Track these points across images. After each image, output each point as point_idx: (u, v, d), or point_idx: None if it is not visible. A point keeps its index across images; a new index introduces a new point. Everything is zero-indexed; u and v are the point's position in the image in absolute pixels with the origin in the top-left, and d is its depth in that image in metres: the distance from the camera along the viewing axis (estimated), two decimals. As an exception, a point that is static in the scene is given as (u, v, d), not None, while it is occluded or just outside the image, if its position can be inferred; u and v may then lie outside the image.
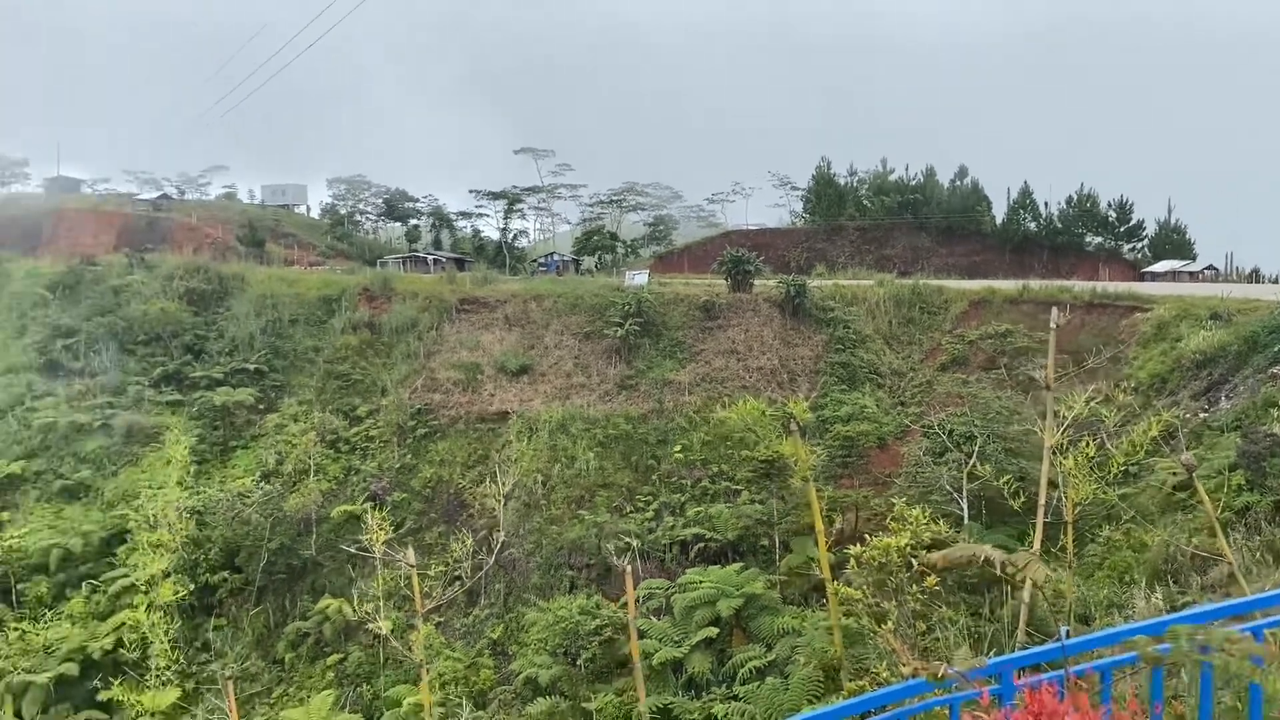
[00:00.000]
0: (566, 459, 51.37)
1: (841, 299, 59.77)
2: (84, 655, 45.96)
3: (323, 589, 49.58)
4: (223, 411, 62.94)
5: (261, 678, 46.95)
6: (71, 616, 49.60)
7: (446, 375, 60.24)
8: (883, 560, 18.22)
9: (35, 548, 52.28)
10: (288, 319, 70.82)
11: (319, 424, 58.82)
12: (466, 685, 41.59)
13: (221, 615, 50.37)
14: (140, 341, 70.81)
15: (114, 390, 66.50)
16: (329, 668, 45.45)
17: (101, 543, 53.63)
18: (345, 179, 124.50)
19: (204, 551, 51.17)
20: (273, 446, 59.62)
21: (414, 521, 52.11)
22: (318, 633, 46.94)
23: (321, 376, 64.70)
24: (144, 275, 78.04)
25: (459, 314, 65.95)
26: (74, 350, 70.95)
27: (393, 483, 54.27)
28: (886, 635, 16.71)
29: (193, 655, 48.55)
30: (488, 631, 44.85)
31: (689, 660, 36.32)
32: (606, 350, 58.99)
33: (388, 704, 40.50)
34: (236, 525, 50.80)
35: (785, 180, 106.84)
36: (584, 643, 39.29)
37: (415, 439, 56.52)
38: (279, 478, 56.02)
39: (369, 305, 69.58)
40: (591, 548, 45.09)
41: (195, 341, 70.69)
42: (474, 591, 47.11)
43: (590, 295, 64.09)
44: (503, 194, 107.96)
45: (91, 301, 75.41)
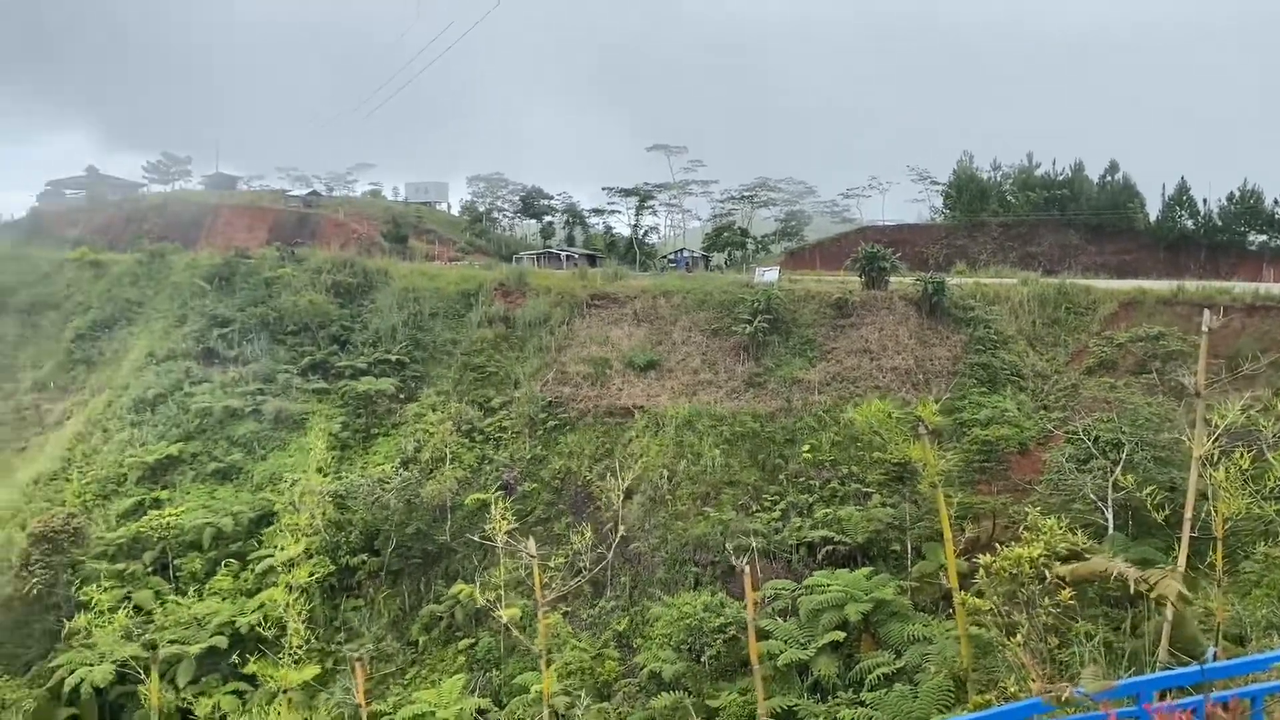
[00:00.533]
0: (692, 455, 51.33)
1: (982, 298, 57.84)
2: (232, 629, 48.54)
3: (455, 574, 50.97)
4: (365, 400, 65.47)
5: (396, 658, 48.59)
6: (221, 592, 52.43)
7: (576, 369, 61.04)
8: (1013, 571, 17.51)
9: (190, 526, 55.51)
10: (428, 312, 73.06)
11: (455, 414, 60.49)
12: (591, 676, 42.07)
13: (360, 596, 52.36)
14: (290, 332, 74.35)
15: (265, 378, 70.01)
16: (460, 652, 46.69)
17: (250, 523, 56.54)
18: (484, 177, 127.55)
19: (345, 534, 53.26)
20: (411, 435, 61.63)
21: (543, 512, 53.02)
22: (450, 617, 48.30)
23: (458, 368, 66.51)
24: (294, 268, 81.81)
25: (589, 309, 66.72)
26: (229, 339, 75.01)
27: (523, 473, 55.36)
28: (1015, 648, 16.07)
29: (332, 634, 50.67)
30: (613, 624, 45.25)
31: (815, 663, 35.85)
32: (734, 347, 58.69)
33: (515, 691, 41.34)
34: (376, 510, 52.70)
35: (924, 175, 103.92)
36: (708, 640, 39.24)
37: (545, 431, 57.49)
38: (417, 465, 57.85)
39: (504, 300, 71.11)
40: (716, 545, 44.93)
41: (341, 332, 73.73)
42: (600, 583, 47.61)
43: (719, 291, 63.89)
44: (634, 191, 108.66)
45: (245, 293, 79.49)
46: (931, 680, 31.21)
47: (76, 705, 45.58)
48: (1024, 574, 17.35)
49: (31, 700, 44.19)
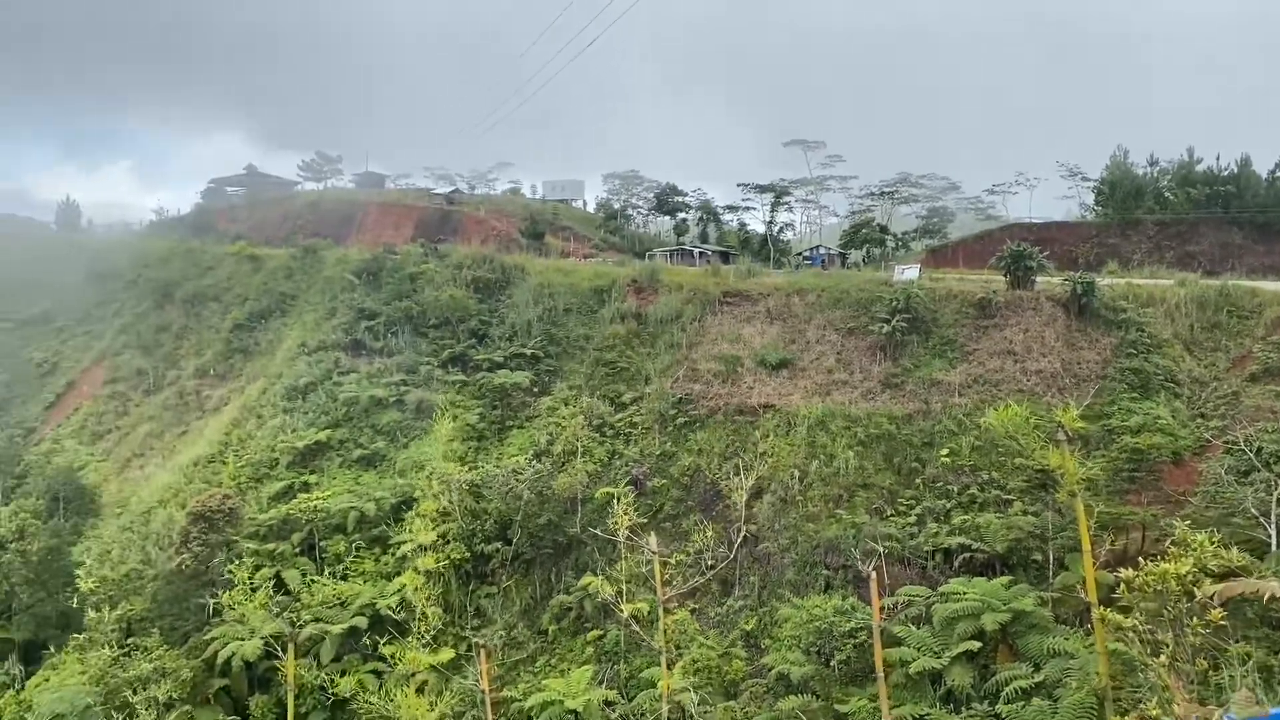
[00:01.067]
0: (825, 456, 50.56)
1: (1135, 299, 54.98)
2: (372, 611, 50.41)
3: (585, 566, 51.63)
4: (501, 392, 67.04)
5: (527, 646, 49.56)
6: (362, 574, 54.55)
7: (707, 366, 60.93)
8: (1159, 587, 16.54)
9: (336, 509, 57.94)
10: (562, 308, 74.24)
11: (587, 408, 61.29)
12: (718, 674, 41.95)
13: (493, 583, 53.61)
14: (432, 325, 76.84)
15: (407, 369, 72.56)
16: (588, 643, 47.28)
17: (391, 508, 58.63)
18: (619, 174, 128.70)
19: (480, 522, 54.59)
20: (544, 428, 62.77)
21: (671, 508, 53.14)
22: (579, 608, 48.96)
23: (591, 363, 67.34)
24: (437, 264, 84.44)
25: (722, 306, 66.50)
26: (375, 331, 78.03)
27: (653, 469, 55.61)
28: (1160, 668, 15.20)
29: (466, 619, 52.05)
30: (741, 623, 44.99)
31: (948, 672, 34.87)
32: (871, 347, 57.53)
33: (641, 685, 41.60)
34: (509, 500, 53.85)
35: (1075, 171, 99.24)
36: (838, 644, 38.62)
37: (675, 427, 57.62)
38: (549, 457, 58.86)
39: (636, 296, 71.60)
40: (848, 548, 44.14)
41: (479, 327, 75.71)
42: (728, 582, 47.43)
43: (856, 290, 62.72)
44: (770, 187, 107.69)
45: (391, 287, 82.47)
46: (1072, 696, 29.94)
47: (228, 676, 48.20)
48: (1170, 591, 16.38)
49: (188, 670, 46.86)
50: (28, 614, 57.57)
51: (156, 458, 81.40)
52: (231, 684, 48.58)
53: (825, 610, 40.03)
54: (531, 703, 41.28)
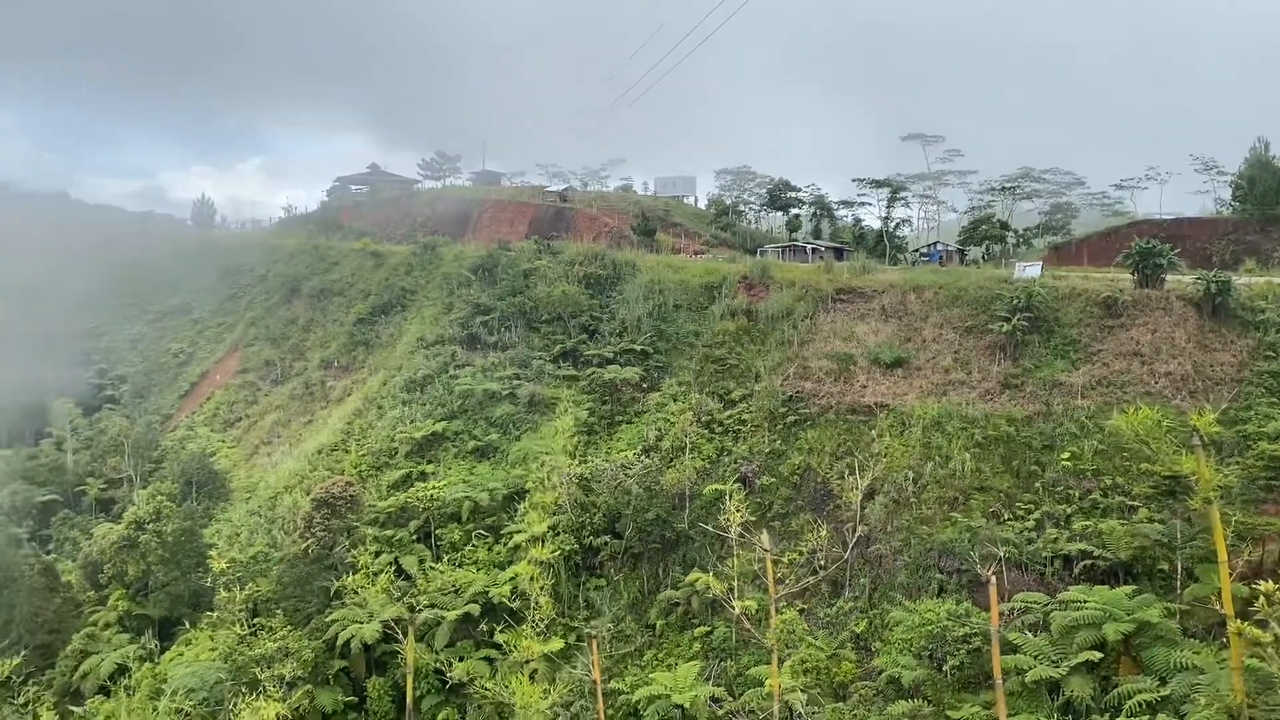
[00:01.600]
0: (940, 458, 49.47)
1: (1275, 299, 52.15)
2: (485, 599, 51.53)
3: (693, 562, 51.70)
4: (611, 388, 67.66)
5: (634, 639, 49.92)
6: (476, 563, 55.80)
7: (819, 364, 60.27)
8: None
9: (451, 499, 59.41)
10: (672, 304, 74.44)
11: (696, 405, 61.34)
12: (827, 675, 41.54)
13: (601, 576, 54.18)
14: (544, 320, 78.06)
15: (520, 363, 73.90)
16: (696, 639, 47.36)
17: (504, 499, 59.82)
18: (731, 170, 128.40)
19: (589, 515, 55.22)
20: (653, 423, 63.09)
21: (781, 507, 52.78)
22: (686, 604, 49.08)
23: (700, 360, 67.34)
24: (550, 260, 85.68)
25: (834, 303, 65.66)
26: (490, 326, 79.69)
27: (762, 467, 55.32)
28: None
29: (575, 610, 52.74)
30: (851, 624, 44.43)
31: (1067, 682, 33.79)
32: (990, 346, 56.01)
33: (749, 683, 41.49)
34: (618, 494, 54.32)
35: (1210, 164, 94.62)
36: (951, 649, 37.83)
37: (785, 425, 57.18)
38: (658, 453, 59.16)
39: (747, 293, 71.26)
40: (963, 552, 43.13)
41: (590, 322, 76.54)
42: (838, 583, 46.87)
43: (974, 287, 61.11)
44: (886, 182, 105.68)
45: (505, 283, 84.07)
46: (1201, 714, 28.67)
47: (347, 658, 49.94)
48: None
49: (309, 651, 48.74)
50: (163, 592, 60.67)
51: (283, 445, 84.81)
52: (351, 665, 50.33)
53: (938, 614, 39.27)
54: (638, 696, 41.62)
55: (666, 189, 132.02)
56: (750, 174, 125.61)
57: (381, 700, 48.96)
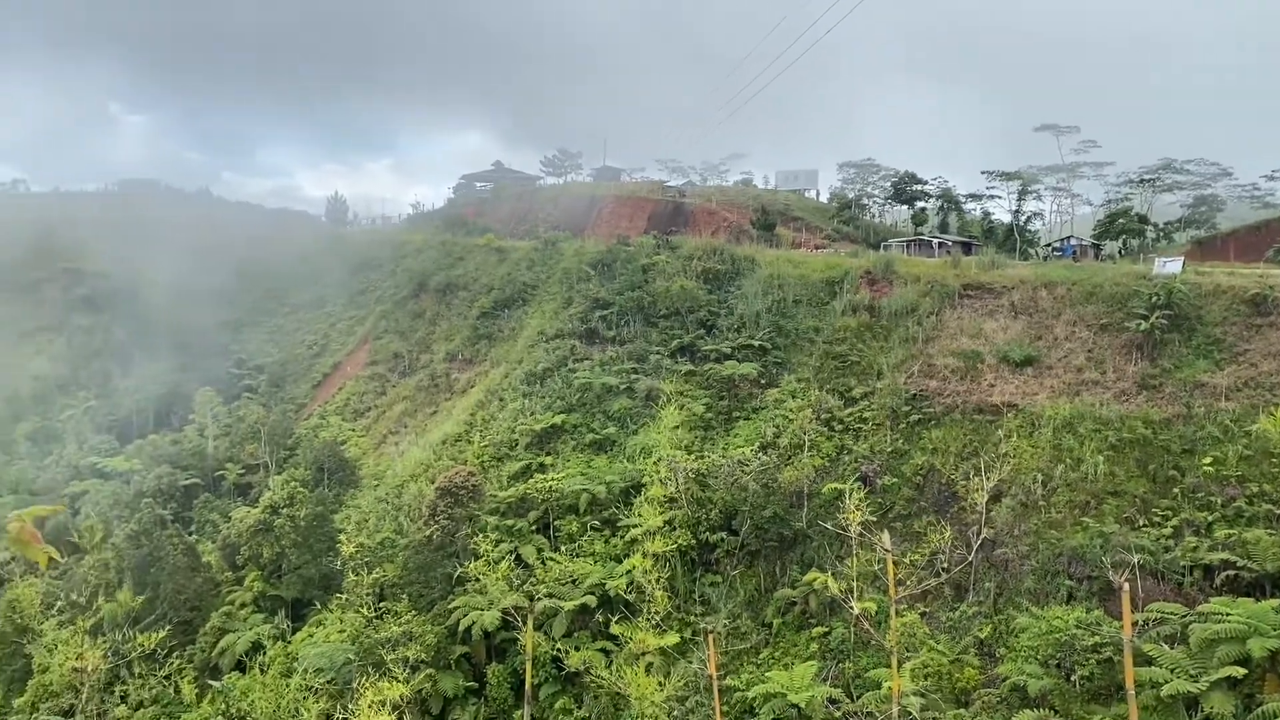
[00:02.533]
0: (1071, 460, 47.58)
1: None
2: (601, 590, 52.00)
3: (811, 561, 51.08)
4: (728, 383, 67.39)
5: (750, 636, 49.62)
6: (593, 555, 56.33)
7: (944, 362, 58.72)
8: None
9: (569, 491, 60.16)
10: (791, 299, 73.64)
11: (815, 402, 60.55)
12: (949, 681, 40.48)
13: (717, 572, 54.03)
14: (662, 315, 78.25)
15: (638, 358, 74.30)
16: (813, 639, 46.77)
17: (621, 492, 60.21)
18: (855, 163, 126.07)
19: (705, 511, 55.15)
20: (771, 420, 62.55)
21: (902, 508, 51.66)
22: (804, 603, 48.53)
23: (820, 356, 66.42)
24: (668, 255, 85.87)
25: (961, 299, 63.85)
26: (608, 320, 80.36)
27: (883, 466, 54.24)
28: None
29: (690, 605, 52.75)
30: (974, 629, 43.15)
31: (1206, 699, 32.04)
32: (1126, 345, 53.59)
33: (867, 684, 40.76)
34: (735, 490, 54.07)
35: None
36: (1079, 658, 36.37)
37: (908, 424, 55.92)
38: (775, 450, 58.62)
39: (870, 288, 69.96)
40: (1095, 559, 41.36)
41: (708, 317, 76.37)
42: (962, 587, 45.60)
43: (1110, 283, 58.55)
44: (1017, 174, 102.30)
45: (624, 278, 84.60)
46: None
47: (468, 644, 51.12)
48: None
49: (432, 636, 50.08)
50: (295, 574, 63.26)
51: (409, 435, 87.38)
52: (472, 651, 51.50)
53: (1067, 622, 37.81)
54: (754, 693, 41.33)
55: (787, 183, 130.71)
56: (874, 167, 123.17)
57: (500, 686, 49.95)
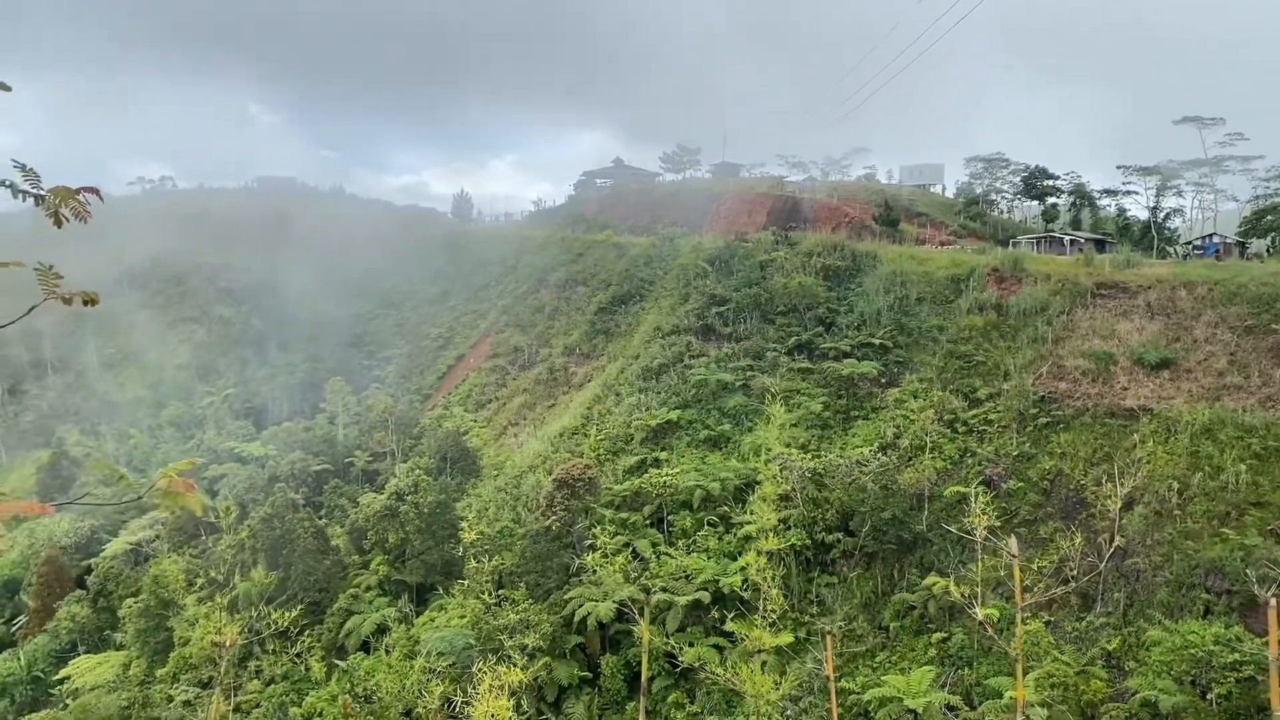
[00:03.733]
0: (1210, 469, 45.28)
1: None
2: (714, 587, 52.00)
3: (930, 565, 50.04)
4: (847, 382, 66.45)
5: (866, 639, 48.91)
6: (707, 551, 56.36)
7: (1075, 363, 56.63)
8: None
9: (683, 486, 60.30)
10: (914, 297, 72.15)
11: (938, 402, 59.19)
12: (1074, 693, 39.07)
13: (833, 574, 53.41)
14: (779, 312, 77.67)
15: (754, 355, 73.95)
16: (931, 644, 45.81)
17: (735, 489, 60.05)
18: (983, 157, 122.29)
19: (821, 511, 54.56)
20: (891, 420, 61.43)
21: (1028, 513, 50.08)
22: (922, 608, 47.57)
23: (943, 356, 64.90)
24: (787, 252, 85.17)
25: (1094, 299, 61.45)
26: (725, 317, 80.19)
27: (1008, 470, 52.69)
28: None
29: (805, 605, 52.29)
30: (1102, 641, 41.56)
31: (1358, 726, 30.13)
32: (1273, 349, 50.70)
33: (987, 692, 39.72)
34: (852, 491, 53.33)
35: None
36: (1216, 676, 34.66)
37: (1035, 427, 54.16)
38: (895, 451, 57.57)
39: (997, 286, 67.99)
40: (1235, 572, 39.32)
41: (827, 315, 75.44)
42: (1089, 596, 43.96)
43: (1256, 284, 55.47)
44: (1155, 169, 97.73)
45: (742, 274, 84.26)
46: None
47: (583, 635, 51.81)
48: None
49: (548, 625, 50.95)
50: (419, 559, 65.20)
51: (528, 427, 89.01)
52: (586, 642, 52.19)
53: (1204, 637, 36.06)
54: (869, 696, 40.75)
55: (911, 178, 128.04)
56: (1003, 161, 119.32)
57: (614, 678, 50.48)
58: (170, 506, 4.41)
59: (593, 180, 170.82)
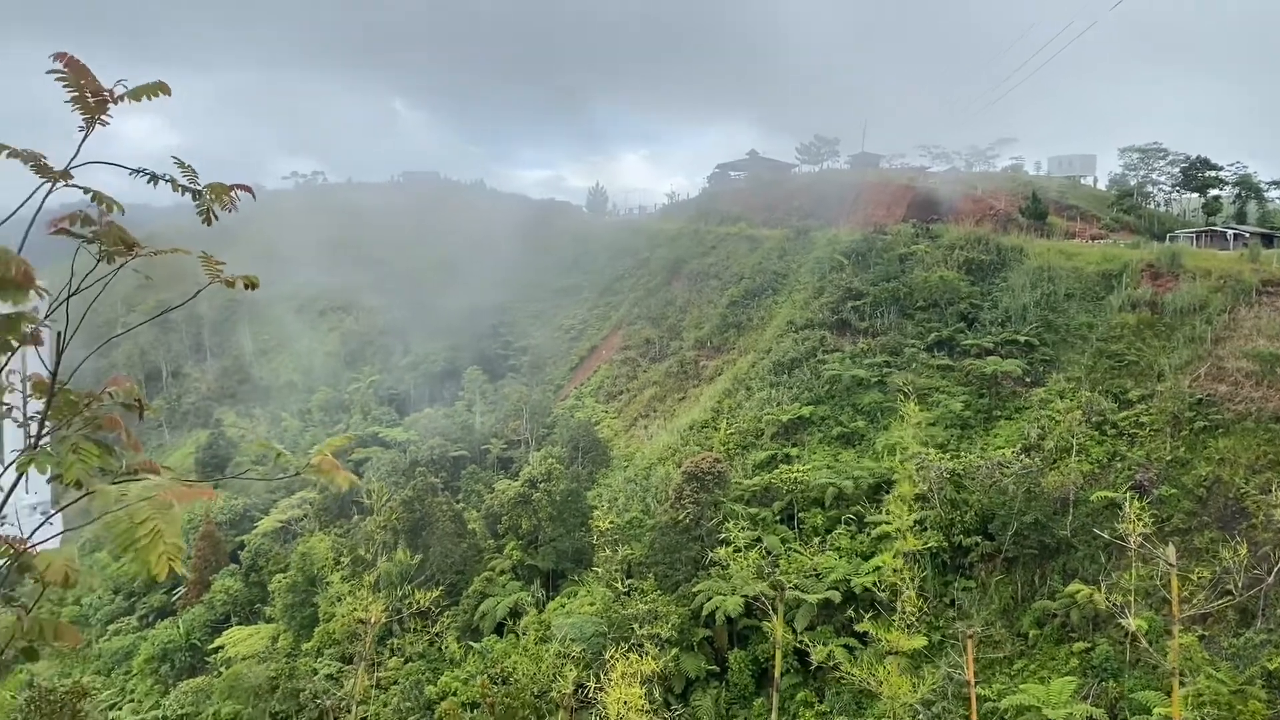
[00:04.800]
0: (1393, 480, 41.96)
1: None
2: (846, 586, 51.14)
3: (1073, 573, 47.96)
4: (989, 380, 64.27)
5: (1004, 646, 47.30)
6: (838, 549, 55.46)
7: (1237, 365, 53.27)
8: None
9: (814, 483, 59.48)
10: (1062, 293, 69.31)
11: (1085, 403, 56.63)
12: (1229, 712, 36.81)
13: (970, 577, 51.78)
14: (918, 307, 75.69)
15: (891, 350, 72.29)
16: (1074, 654, 43.98)
17: (869, 488, 58.88)
18: (1139, 148, 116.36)
19: (959, 513, 52.95)
20: (1035, 420, 59.12)
21: (1181, 521, 47.41)
22: (1065, 616, 45.69)
23: (1092, 355, 62.12)
24: (928, 245, 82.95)
25: (1260, 296, 57.68)
26: (860, 311, 78.67)
27: (1160, 475, 50.00)
28: None
29: (940, 609, 50.85)
30: (1262, 659, 38.99)
31: None
32: None
33: (1133, 707, 37.85)
34: (993, 493, 51.60)
35: None
36: (1395, 705, 32.08)
37: (1192, 431, 51.20)
38: (1039, 453, 55.40)
39: (1152, 283, 64.63)
40: None
41: (969, 310, 73.13)
42: (1248, 611, 41.31)
43: None
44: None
45: (879, 268, 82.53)
46: None
47: (711, 628, 51.72)
48: None
49: (676, 617, 51.05)
50: (550, 546, 66.33)
51: (658, 419, 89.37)
52: (714, 635, 52.10)
53: (1381, 663, 33.42)
54: (1006, 704, 39.39)
55: (1060, 169, 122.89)
56: (1161, 151, 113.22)
57: (741, 672, 50.25)
58: (324, 479, 4.68)
59: (727, 173, 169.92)
